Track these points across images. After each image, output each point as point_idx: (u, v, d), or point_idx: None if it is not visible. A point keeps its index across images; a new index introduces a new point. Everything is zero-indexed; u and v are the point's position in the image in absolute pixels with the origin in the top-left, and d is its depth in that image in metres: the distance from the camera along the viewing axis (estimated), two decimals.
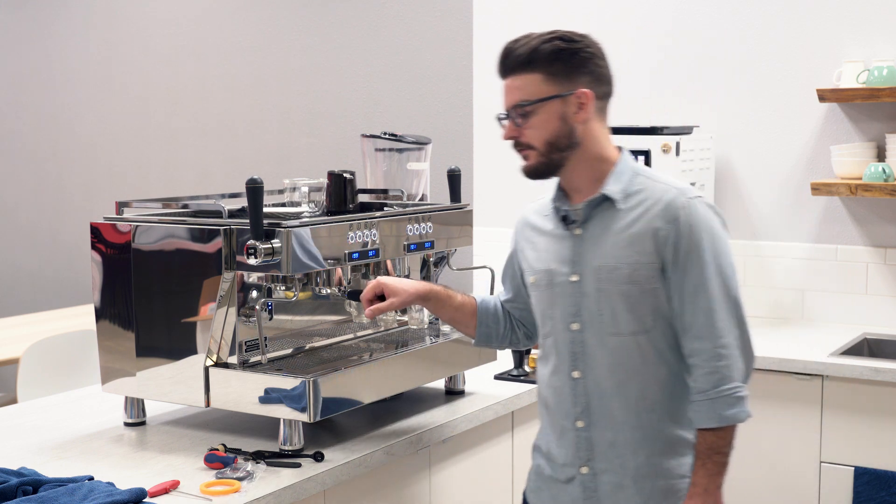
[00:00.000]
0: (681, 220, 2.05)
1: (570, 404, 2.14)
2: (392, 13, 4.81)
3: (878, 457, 3.26)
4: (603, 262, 2.09)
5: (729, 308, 2.07)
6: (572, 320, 2.12)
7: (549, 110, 2.09)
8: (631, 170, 2.15)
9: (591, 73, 2.13)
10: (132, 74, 5.67)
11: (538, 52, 2.08)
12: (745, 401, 2.05)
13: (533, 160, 2.12)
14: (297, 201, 2.67)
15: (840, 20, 3.82)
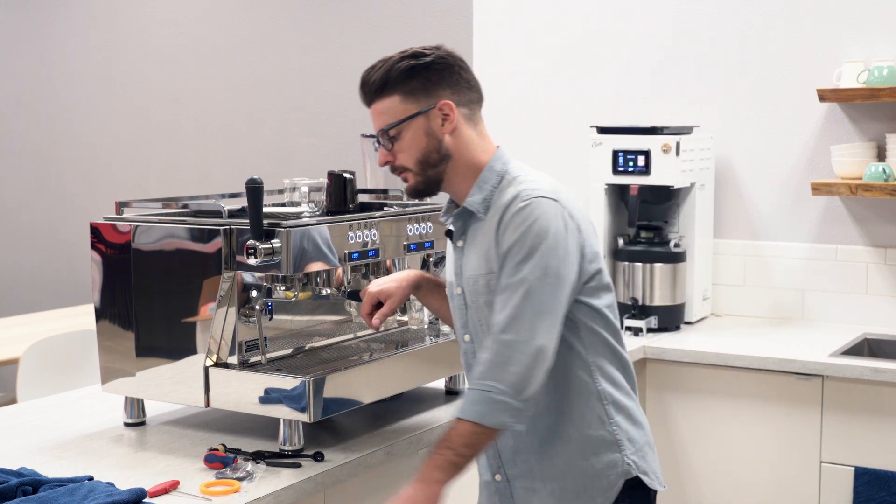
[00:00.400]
0: (509, 219, 2.01)
1: None
2: (392, 13, 4.81)
3: (878, 457, 3.26)
4: (470, 273, 2.11)
5: (530, 310, 1.96)
6: (464, 332, 2.18)
7: (414, 128, 2.09)
8: (497, 175, 2.12)
9: (449, 84, 2.11)
10: (132, 74, 5.67)
11: (392, 74, 2.10)
12: (499, 406, 1.94)
13: (412, 181, 2.13)
14: (297, 201, 2.66)
15: (840, 20, 3.82)
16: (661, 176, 3.73)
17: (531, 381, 1.95)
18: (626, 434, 2.11)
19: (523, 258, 1.98)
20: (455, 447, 1.97)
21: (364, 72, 2.16)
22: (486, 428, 1.95)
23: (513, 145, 4.68)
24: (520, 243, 1.99)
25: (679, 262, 3.81)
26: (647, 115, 4.14)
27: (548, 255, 1.98)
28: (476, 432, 1.96)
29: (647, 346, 3.57)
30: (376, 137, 2.15)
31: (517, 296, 1.97)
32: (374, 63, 2.16)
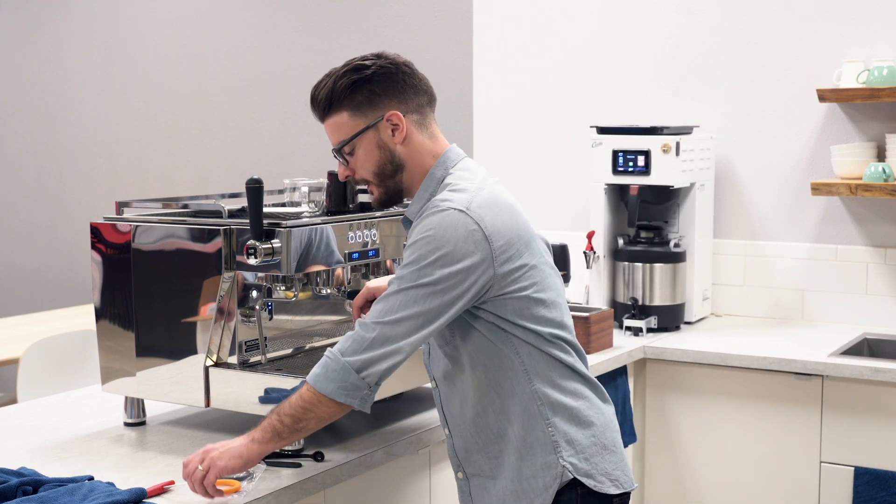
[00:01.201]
0: (413, 227, 2.07)
1: (440, 413, 2.24)
2: (392, 13, 4.81)
3: (878, 457, 3.26)
4: None
5: (400, 309, 1.99)
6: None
7: (366, 142, 2.09)
8: (437, 181, 2.13)
9: (394, 93, 2.10)
10: (132, 74, 5.68)
11: (336, 91, 2.08)
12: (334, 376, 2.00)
13: (375, 193, 2.15)
14: (297, 201, 2.67)
15: (840, 20, 3.82)
16: (661, 176, 3.73)
17: (376, 369, 1.99)
18: (563, 436, 2.07)
19: (410, 261, 2.00)
20: (281, 413, 2.03)
21: (312, 88, 2.13)
22: (318, 395, 2.00)
23: (512, 145, 4.71)
24: (413, 247, 2.01)
25: (679, 262, 3.81)
26: (647, 115, 4.14)
27: (433, 264, 1.98)
28: (311, 398, 2.01)
29: (647, 346, 3.57)
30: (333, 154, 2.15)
31: (392, 290, 2.00)
32: (320, 79, 2.13)
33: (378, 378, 2.01)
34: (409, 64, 2.15)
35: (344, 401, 2.01)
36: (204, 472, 2.02)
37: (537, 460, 2.07)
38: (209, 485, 2.03)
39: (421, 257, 1.99)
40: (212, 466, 2.02)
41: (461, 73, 4.64)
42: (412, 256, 2.00)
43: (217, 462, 2.02)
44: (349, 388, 2.00)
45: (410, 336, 1.99)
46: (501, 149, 4.55)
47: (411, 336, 1.99)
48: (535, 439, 2.07)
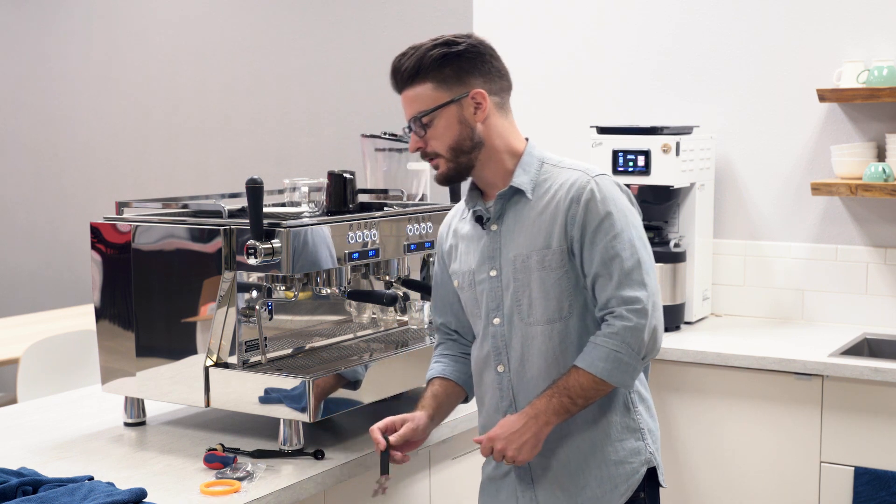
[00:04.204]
0: (585, 197, 2.08)
1: (499, 398, 2.19)
2: (392, 13, 4.81)
3: (878, 457, 3.26)
4: (517, 252, 2.13)
5: (636, 277, 2.06)
6: (494, 315, 2.17)
7: (447, 116, 2.11)
8: (537, 160, 2.18)
9: (481, 72, 2.13)
10: (132, 74, 5.68)
11: (425, 62, 2.10)
12: (625, 367, 2.04)
13: (443, 167, 2.15)
14: (297, 201, 2.67)
15: (840, 20, 3.82)
16: (661, 176, 3.73)
17: (655, 347, 2.07)
18: (646, 424, 2.19)
19: (618, 231, 2.06)
20: (573, 396, 2.05)
21: (395, 58, 2.14)
22: (606, 384, 2.05)
23: None
24: (614, 219, 2.06)
25: (679, 262, 3.81)
26: (647, 115, 4.14)
27: (637, 225, 2.10)
28: (597, 387, 2.05)
29: None
30: (408, 124, 2.16)
31: (629, 264, 2.05)
32: (404, 50, 2.14)
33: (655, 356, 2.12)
34: (495, 50, 2.18)
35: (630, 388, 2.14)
36: (511, 461, 2.07)
37: (626, 445, 2.15)
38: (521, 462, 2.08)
39: (627, 224, 2.07)
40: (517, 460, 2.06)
41: None
42: (616, 226, 2.06)
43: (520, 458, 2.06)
44: (635, 374, 2.08)
45: (660, 295, 2.11)
46: None
47: (659, 294, 2.11)
48: (624, 425, 2.15)
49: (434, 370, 2.33)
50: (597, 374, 2.03)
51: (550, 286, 2.10)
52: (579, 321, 2.11)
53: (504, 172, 2.16)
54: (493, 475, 2.25)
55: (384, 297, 2.53)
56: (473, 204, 2.20)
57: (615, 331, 2.04)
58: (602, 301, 2.07)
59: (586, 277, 2.09)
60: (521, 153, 2.17)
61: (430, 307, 2.46)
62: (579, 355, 2.07)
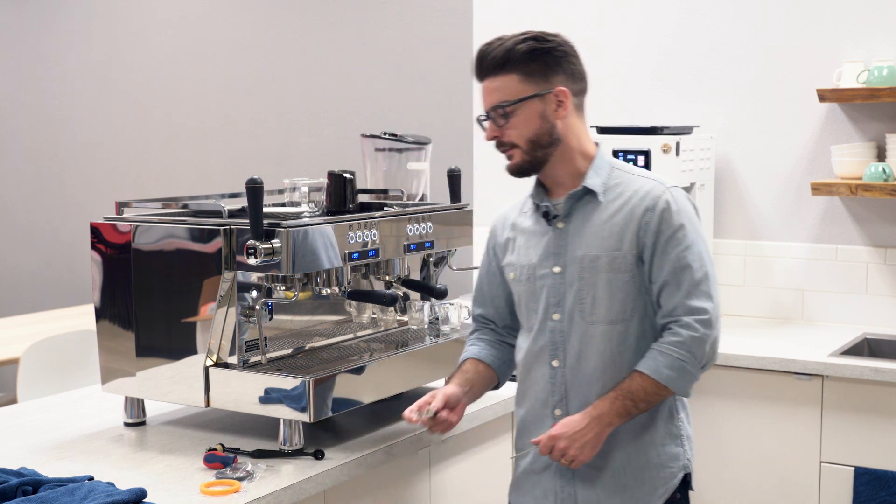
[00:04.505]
0: (660, 207, 2.13)
1: (549, 393, 2.22)
2: (392, 13, 4.81)
3: (878, 457, 3.26)
4: (585, 252, 2.17)
5: (704, 288, 2.12)
6: (554, 310, 2.20)
7: (529, 109, 2.15)
8: (608, 164, 2.23)
9: (565, 72, 2.18)
10: (132, 74, 5.68)
11: (514, 53, 2.13)
12: (688, 376, 2.11)
13: (517, 158, 2.20)
14: (297, 201, 2.66)
15: (840, 20, 3.82)
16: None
17: (714, 358, 2.14)
18: (686, 431, 2.24)
19: (690, 243, 2.12)
20: (637, 400, 2.10)
21: (482, 46, 2.18)
22: (667, 390, 2.10)
23: None
24: (686, 230, 2.13)
25: None
26: (647, 115, 4.14)
27: (704, 238, 2.17)
28: (659, 393, 2.11)
29: None
30: (486, 113, 2.19)
31: (698, 276, 2.11)
32: (491, 39, 2.18)
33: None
34: (577, 52, 2.22)
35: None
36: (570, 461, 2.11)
37: (667, 450, 2.19)
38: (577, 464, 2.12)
39: (696, 237, 2.14)
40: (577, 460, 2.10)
41: (461, 73, 4.64)
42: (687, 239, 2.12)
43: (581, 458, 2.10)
44: (694, 383, 2.15)
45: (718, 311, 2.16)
46: None
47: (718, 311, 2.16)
48: (667, 431, 2.20)
49: (469, 352, 2.37)
50: (661, 380, 2.09)
51: (617, 288, 2.14)
52: (639, 324, 2.16)
53: (574, 172, 2.21)
54: (530, 469, 2.27)
55: (384, 297, 2.53)
56: (540, 200, 2.24)
57: (682, 340, 2.09)
58: (668, 308, 2.13)
59: (653, 284, 2.14)
60: (593, 156, 2.22)
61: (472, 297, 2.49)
62: (642, 360, 2.12)
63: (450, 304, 2.82)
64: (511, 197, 4.76)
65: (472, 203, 4.50)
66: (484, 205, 4.54)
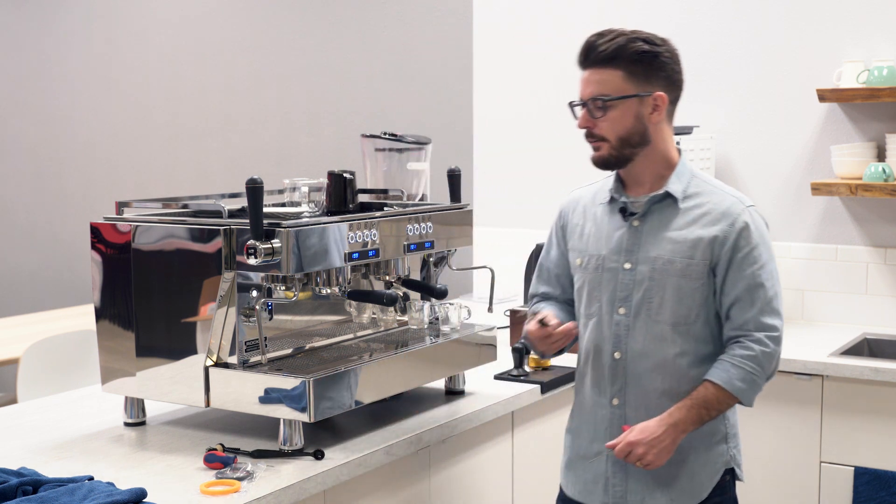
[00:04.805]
0: (739, 225, 2.22)
1: (609, 383, 2.30)
2: (392, 13, 4.81)
3: (878, 457, 3.26)
4: (659, 254, 2.24)
5: (775, 306, 2.23)
6: (621, 305, 2.27)
7: (626, 108, 2.21)
8: (689, 172, 2.30)
9: (667, 78, 2.24)
10: (132, 74, 5.68)
11: (623, 51, 2.20)
12: (756, 389, 2.22)
13: (604, 151, 2.25)
14: (297, 201, 2.66)
15: (840, 20, 3.82)
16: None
17: (775, 373, 2.25)
18: (733, 428, 2.34)
19: (764, 262, 2.22)
20: (710, 409, 2.20)
21: (592, 36, 2.25)
22: (735, 400, 2.21)
23: (513, 145, 4.71)
24: (760, 250, 2.22)
25: None
26: None
27: (774, 258, 2.26)
28: (729, 403, 2.21)
29: None
30: (583, 102, 2.25)
31: (770, 294, 2.21)
32: (603, 31, 2.25)
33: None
34: (681, 62, 2.29)
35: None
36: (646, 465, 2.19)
37: (715, 449, 2.30)
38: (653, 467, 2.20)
39: (768, 258, 2.23)
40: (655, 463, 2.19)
41: (461, 73, 4.64)
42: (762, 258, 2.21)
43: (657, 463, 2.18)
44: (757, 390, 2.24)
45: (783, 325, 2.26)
46: (502, 149, 4.55)
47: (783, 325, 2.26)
48: (715, 429, 2.29)
49: (542, 307, 2.43)
50: (733, 392, 2.19)
51: (686, 294, 2.22)
52: (700, 329, 2.24)
53: (656, 175, 2.27)
54: (585, 454, 2.35)
55: (384, 297, 2.54)
56: (619, 195, 2.30)
57: (754, 354, 2.19)
58: (738, 322, 2.21)
59: (724, 297, 2.22)
60: (676, 162, 2.29)
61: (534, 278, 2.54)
62: (714, 370, 2.21)
63: (450, 304, 2.82)
64: (511, 198, 4.78)
65: (472, 203, 4.50)
66: (484, 205, 4.55)
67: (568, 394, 3.14)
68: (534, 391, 2.94)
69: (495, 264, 3.20)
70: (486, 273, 3.94)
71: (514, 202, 4.52)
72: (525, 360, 3.06)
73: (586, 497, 2.35)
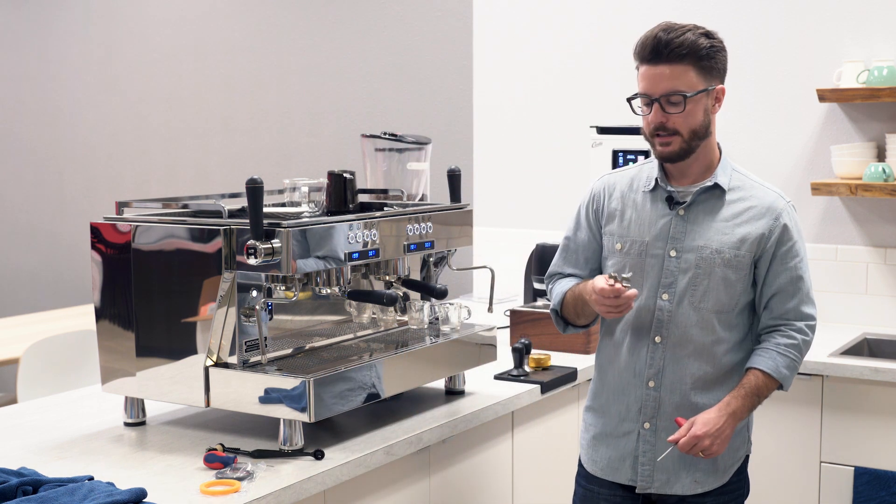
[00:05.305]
0: (783, 220, 2.34)
1: (646, 365, 2.38)
2: (392, 13, 4.81)
3: (878, 457, 3.26)
4: (705, 243, 2.33)
5: (812, 297, 2.37)
6: (664, 291, 2.35)
7: (699, 102, 2.29)
8: (730, 165, 2.41)
9: (723, 70, 2.35)
10: (132, 74, 5.68)
11: (698, 47, 2.28)
12: (795, 374, 2.35)
13: (676, 146, 2.30)
14: (297, 201, 2.66)
15: (840, 20, 3.82)
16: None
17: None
18: (751, 416, 2.43)
19: (803, 256, 2.35)
20: (761, 396, 2.32)
21: (659, 32, 2.32)
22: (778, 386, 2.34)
23: (512, 145, 4.71)
24: (799, 244, 2.35)
25: None
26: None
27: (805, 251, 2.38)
28: (773, 389, 2.34)
29: None
30: (655, 98, 2.27)
31: (807, 287, 2.35)
32: (665, 25, 2.34)
33: None
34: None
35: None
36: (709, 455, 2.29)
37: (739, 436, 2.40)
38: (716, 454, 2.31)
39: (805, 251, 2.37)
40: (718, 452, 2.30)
41: (461, 73, 4.64)
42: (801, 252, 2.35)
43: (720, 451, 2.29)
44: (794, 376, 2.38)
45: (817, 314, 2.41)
46: (501, 148, 4.55)
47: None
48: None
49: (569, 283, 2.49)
50: (780, 378, 2.32)
51: (731, 283, 2.32)
52: (737, 317, 2.35)
53: (703, 166, 2.36)
54: (613, 432, 2.43)
55: (384, 297, 2.54)
56: (665, 184, 2.37)
57: (797, 343, 2.33)
58: (779, 312, 2.34)
59: (765, 287, 2.34)
60: (720, 155, 2.38)
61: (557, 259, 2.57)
62: (759, 359, 2.32)
63: (450, 304, 2.82)
64: (511, 198, 4.77)
65: (472, 203, 4.50)
66: (484, 205, 4.55)
67: (568, 394, 3.14)
68: (534, 391, 2.94)
69: (495, 264, 3.21)
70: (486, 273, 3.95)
71: (514, 202, 4.52)
72: (525, 360, 3.06)
73: (611, 474, 2.43)
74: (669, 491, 2.38)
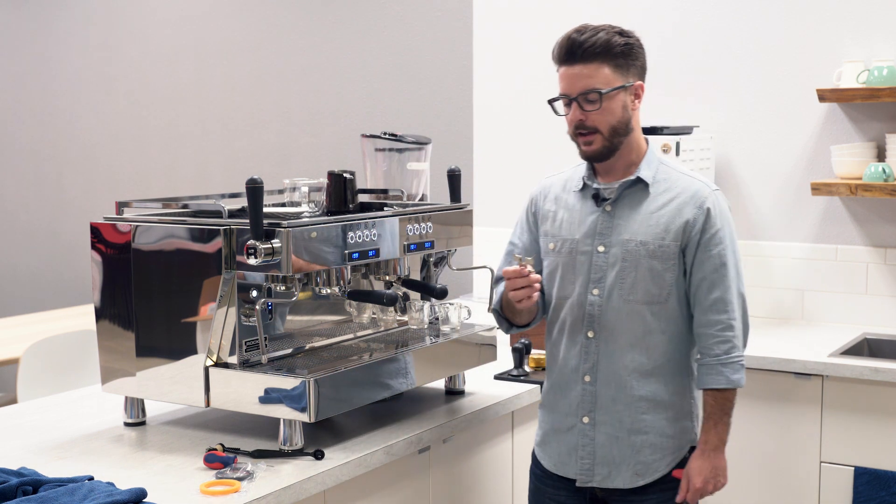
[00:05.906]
0: (707, 206, 2.33)
1: (581, 360, 2.39)
2: (392, 13, 4.81)
3: (878, 457, 3.26)
4: (631, 236, 2.34)
5: (738, 287, 2.36)
6: (594, 286, 2.36)
7: (616, 99, 2.30)
8: (657, 159, 2.41)
9: (641, 67, 2.37)
10: (132, 74, 5.68)
11: (611, 45, 2.30)
12: (744, 369, 2.36)
13: (598, 144, 2.33)
14: (297, 201, 2.66)
15: (840, 20, 3.82)
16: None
17: (747, 342, 2.41)
18: (697, 409, 2.43)
19: (727, 243, 2.34)
20: (729, 413, 2.35)
21: (573, 34, 2.35)
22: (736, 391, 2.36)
23: (512, 145, 4.71)
24: (723, 231, 2.33)
25: None
26: (647, 115, 4.12)
27: (733, 237, 2.37)
28: (735, 395, 2.36)
29: None
30: (572, 97, 2.31)
31: (732, 276, 2.34)
32: (578, 27, 2.37)
33: None
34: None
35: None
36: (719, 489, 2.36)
37: (680, 424, 2.38)
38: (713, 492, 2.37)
39: (731, 240, 2.35)
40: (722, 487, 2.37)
41: (461, 73, 4.64)
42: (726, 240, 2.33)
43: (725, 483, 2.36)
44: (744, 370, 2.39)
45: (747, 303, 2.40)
46: (501, 148, 4.55)
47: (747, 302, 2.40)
48: (680, 406, 2.38)
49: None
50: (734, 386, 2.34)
51: (657, 274, 2.32)
52: (670, 307, 2.34)
53: (628, 161, 2.37)
54: (557, 429, 2.45)
55: (384, 297, 2.54)
56: (592, 182, 2.40)
57: (733, 344, 2.34)
58: (707, 304, 2.33)
59: (692, 275, 2.33)
60: (646, 149, 2.39)
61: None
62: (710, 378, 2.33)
63: (450, 304, 2.82)
64: (511, 198, 4.77)
65: (472, 203, 4.50)
66: (484, 205, 4.55)
67: None
68: (534, 391, 2.94)
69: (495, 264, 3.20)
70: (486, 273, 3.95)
71: (514, 202, 4.51)
72: (525, 360, 3.06)
73: (561, 469, 2.45)
74: (611, 485, 2.38)
